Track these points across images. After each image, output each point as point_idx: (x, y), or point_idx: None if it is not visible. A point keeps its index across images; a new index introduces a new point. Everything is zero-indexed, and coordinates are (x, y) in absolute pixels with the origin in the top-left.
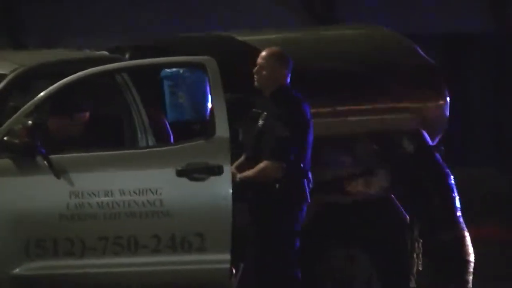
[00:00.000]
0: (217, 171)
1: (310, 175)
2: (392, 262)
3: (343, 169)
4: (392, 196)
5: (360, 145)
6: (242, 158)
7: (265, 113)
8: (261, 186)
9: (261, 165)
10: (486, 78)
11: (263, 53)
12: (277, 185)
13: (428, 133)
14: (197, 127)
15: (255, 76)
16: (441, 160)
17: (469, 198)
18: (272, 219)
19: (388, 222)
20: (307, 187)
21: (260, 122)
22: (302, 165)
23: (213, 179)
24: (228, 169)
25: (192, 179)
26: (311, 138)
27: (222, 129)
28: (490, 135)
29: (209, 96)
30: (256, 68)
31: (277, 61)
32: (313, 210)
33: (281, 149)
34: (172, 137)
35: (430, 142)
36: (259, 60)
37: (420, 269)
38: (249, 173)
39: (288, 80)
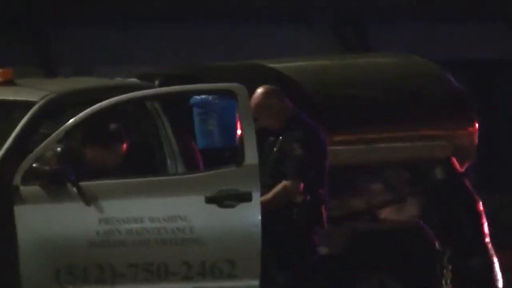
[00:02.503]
0: (247, 198)
1: (326, 201)
2: None
3: (375, 197)
4: (423, 223)
5: (392, 173)
6: None
7: (280, 138)
8: (279, 211)
9: (279, 185)
10: None
11: (258, 95)
12: (295, 210)
13: (458, 160)
14: (226, 154)
15: (259, 119)
16: (470, 187)
17: (497, 224)
18: (289, 244)
19: (419, 249)
20: (323, 212)
21: (276, 148)
22: (319, 189)
23: (242, 206)
24: (257, 196)
25: (222, 206)
26: (327, 163)
27: (251, 156)
28: None
29: (239, 123)
30: (256, 111)
31: (273, 97)
32: (345, 238)
33: (297, 167)
34: (201, 164)
35: (460, 169)
36: (257, 102)
37: None
38: (268, 196)
39: (291, 107)
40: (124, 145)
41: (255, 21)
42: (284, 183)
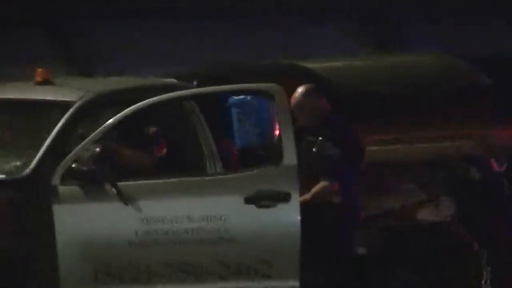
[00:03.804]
0: (285, 198)
1: (361, 200)
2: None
3: (410, 196)
4: (459, 223)
5: (427, 172)
6: None
7: (319, 138)
8: (315, 211)
9: (317, 186)
10: None
11: (298, 94)
12: (331, 210)
13: (494, 159)
14: (264, 154)
15: (298, 118)
16: (507, 186)
17: None
18: (325, 244)
19: (455, 249)
20: (359, 212)
21: (315, 148)
22: (354, 189)
23: (281, 206)
24: (296, 196)
25: (260, 206)
26: (362, 163)
27: (289, 156)
28: None
29: (276, 123)
30: (295, 109)
31: (313, 96)
32: (380, 238)
33: (334, 168)
34: (239, 164)
35: (497, 168)
36: (296, 101)
37: None
38: (306, 196)
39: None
40: (163, 149)
41: (284, 20)
42: (322, 183)
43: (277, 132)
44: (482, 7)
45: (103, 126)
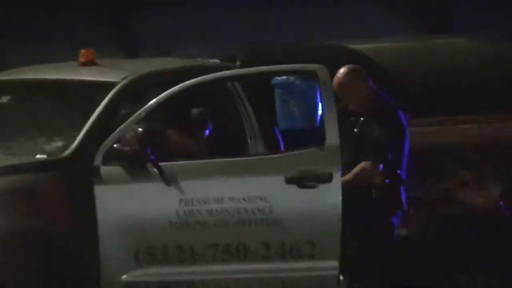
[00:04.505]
0: (327, 178)
1: (405, 182)
2: (504, 272)
3: (455, 178)
4: (506, 206)
5: (471, 154)
6: None
7: (361, 119)
8: (358, 192)
9: (359, 166)
10: None
11: (342, 74)
12: (374, 192)
13: None
14: (307, 134)
15: (341, 99)
16: None
17: None
18: (368, 225)
19: (501, 232)
20: (403, 194)
21: (357, 128)
22: (398, 171)
23: (323, 186)
24: (338, 177)
25: (302, 186)
26: (406, 145)
27: (332, 137)
28: None
29: (320, 104)
30: (339, 89)
31: (356, 76)
32: (425, 221)
33: (377, 149)
34: (282, 144)
35: None
36: (340, 81)
37: None
38: (347, 177)
39: (372, 87)
40: (206, 130)
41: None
42: (363, 164)
43: (320, 113)
44: None
45: (145, 106)
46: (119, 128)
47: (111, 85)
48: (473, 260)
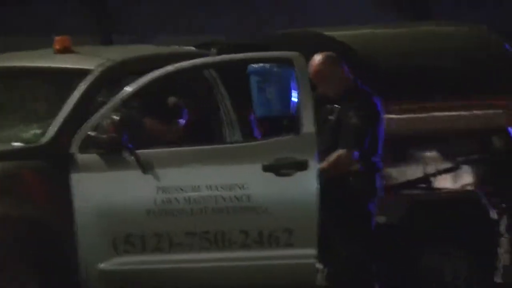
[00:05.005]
0: (304, 166)
1: (381, 169)
2: (480, 259)
3: (430, 165)
4: (479, 192)
5: (447, 142)
6: None
7: (337, 106)
8: (334, 179)
9: (334, 154)
10: None
11: (317, 61)
12: (350, 179)
13: None
14: (284, 122)
15: (317, 86)
16: None
17: None
18: (345, 212)
19: (476, 218)
20: (378, 181)
21: (333, 116)
22: (373, 158)
23: (299, 174)
24: (314, 164)
25: (279, 174)
26: (382, 131)
27: (308, 125)
28: None
29: (296, 92)
30: (315, 76)
31: (332, 63)
32: (401, 207)
33: (353, 137)
34: (259, 132)
35: None
36: (316, 68)
37: (508, 264)
38: (324, 164)
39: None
40: (183, 121)
41: None
42: (339, 151)
43: (296, 101)
44: None
45: (121, 93)
46: (95, 116)
47: (87, 72)
48: (445, 245)
